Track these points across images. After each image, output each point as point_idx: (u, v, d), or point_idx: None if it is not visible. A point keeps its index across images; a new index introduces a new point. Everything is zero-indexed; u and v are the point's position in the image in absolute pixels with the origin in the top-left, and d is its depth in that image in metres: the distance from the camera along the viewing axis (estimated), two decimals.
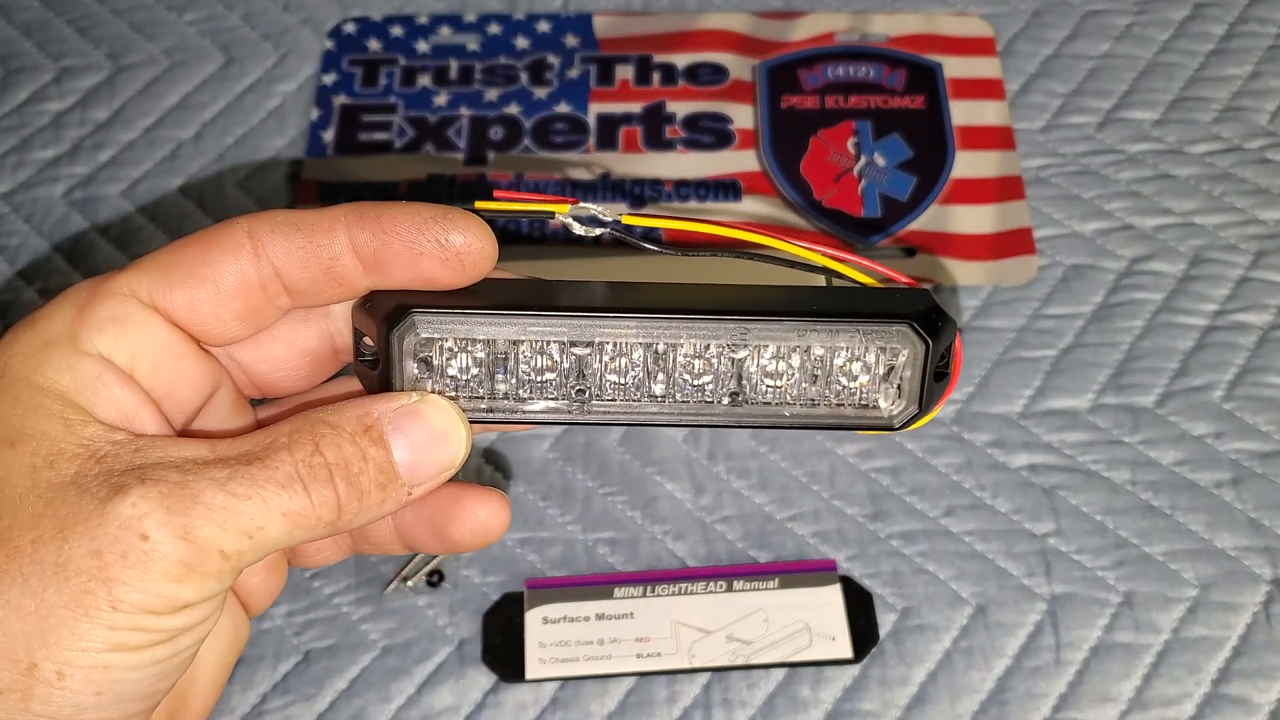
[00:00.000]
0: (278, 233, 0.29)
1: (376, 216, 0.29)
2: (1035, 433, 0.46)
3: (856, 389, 0.30)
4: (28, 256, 0.51)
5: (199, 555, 0.26)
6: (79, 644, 0.25)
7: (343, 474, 0.27)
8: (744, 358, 0.30)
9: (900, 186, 0.53)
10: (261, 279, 0.29)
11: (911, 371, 0.30)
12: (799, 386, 0.30)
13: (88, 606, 0.25)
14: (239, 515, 0.26)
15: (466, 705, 0.41)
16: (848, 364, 0.30)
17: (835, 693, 0.41)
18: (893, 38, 0.57)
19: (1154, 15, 0.58)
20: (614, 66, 0.56)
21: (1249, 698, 0.40)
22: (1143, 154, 0.53)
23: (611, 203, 0.52)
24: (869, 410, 0.31)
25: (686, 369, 0.30)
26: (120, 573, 0.25)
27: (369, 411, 0.28)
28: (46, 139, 0.54)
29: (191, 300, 0.29)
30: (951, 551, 0.44)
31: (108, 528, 0.25)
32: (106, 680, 0.26)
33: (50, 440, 0.26)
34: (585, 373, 0.30)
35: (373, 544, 0.35)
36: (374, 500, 0.28)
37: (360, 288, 0.30)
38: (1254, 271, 0.50)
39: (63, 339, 0.28)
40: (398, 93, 0.55)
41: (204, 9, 0.58)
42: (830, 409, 0.31)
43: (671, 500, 0.45)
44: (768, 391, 0.30)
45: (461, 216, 0.29)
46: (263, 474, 0.26)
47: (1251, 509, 0.44)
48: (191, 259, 0.29)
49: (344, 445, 0.27)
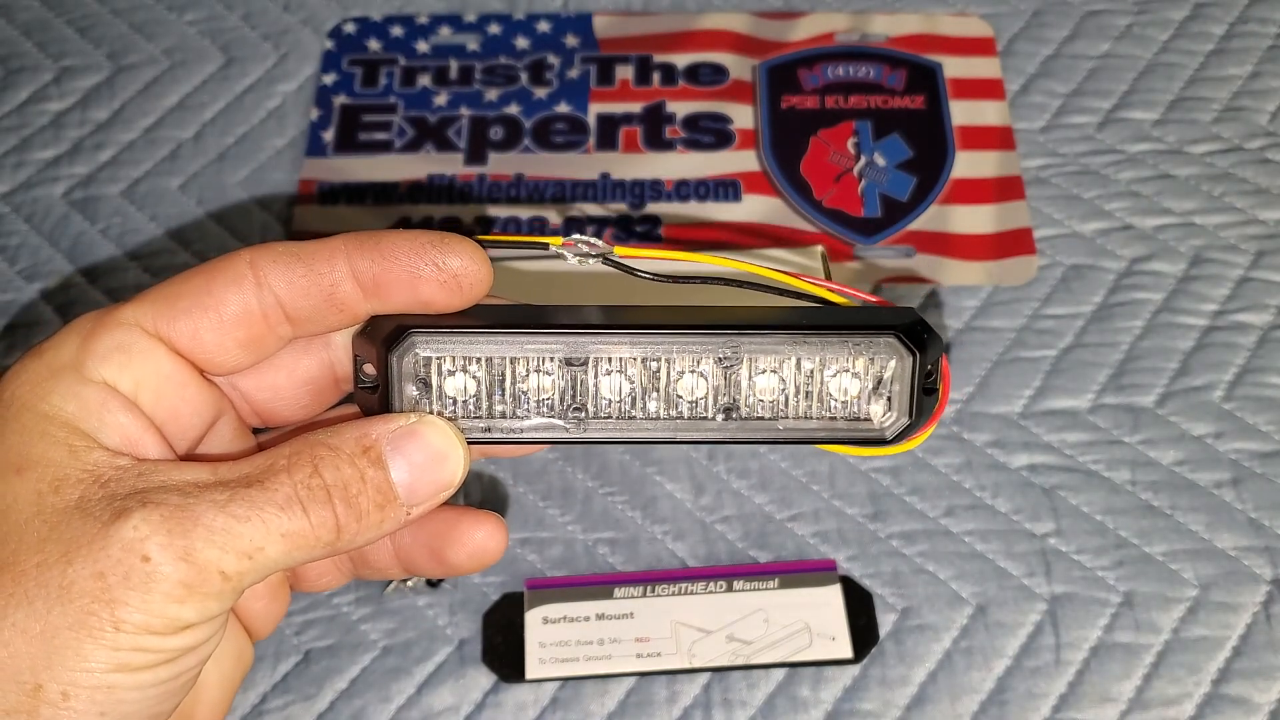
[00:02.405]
0: (279, 263, 0.29)
1: (376, 243, 0.29)
2: (1035, 433, 0.46)
3: (848, 401, 0.31)
4: (28, 256, 0.51)
5: (199, 576, 0.26)
6: (83, 665, 0.25)
7: (341, 495, 0.28)
8: (735, 370, 0.30)
9: (900, 186, 0.53)
10: (264, 308, 0.30)
11: (900, 384, 0.31)
12: (791, 401, 0.31)
13: (91, 628, 0.25)
14: (239, 537, 0.26)
15: (466, 705, 0.41)
16: (838, 375, 0.31)
17: (835, 693, 0.41)
18: (893, 38, 0.57)
19: (1154, 15, 0.58)
20: (614, 66, 0.56)
21: (1249, 698, 0.40)
22: (1143, 154, 0.53)
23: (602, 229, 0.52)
24: (861, 423, 0.31)
25: (680, 384, 0.31)
26: (123, 594, 0.25)
27: (367, 433, 0.29)
28: (46, 139, 0.54)
29: (195, 329, 0.29)
30: (951, 551, 0.44)
31: (110, 550, 0.26)
32: (110, 701, 0.26)
33: (56, 466, 0.27)
34: (581, 391, 0.30)
35: (372, 568, 0.36)
36: (373, 521, 0.28)
37: (360, 313, 0.30)
38: (1254, 271, 0.50)
39: (68, 368, 0.28)
40: (398, 93, 0.55)
41: (204, 9, 0.58)
42: (823, 422, 0.31)
43: (671, 500, 0.45)
44: (760, 406, 0.31)
45: (459, 241, 0.29)
46: (262, 496, 0.27)
47: (1251, 509, 0.44)
48: (195, 290, 0.29)
49: (343, 467, 0.28)
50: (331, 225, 0.51)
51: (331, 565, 0.36)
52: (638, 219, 0.52)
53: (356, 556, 0.36)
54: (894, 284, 0.50)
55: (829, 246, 0.50)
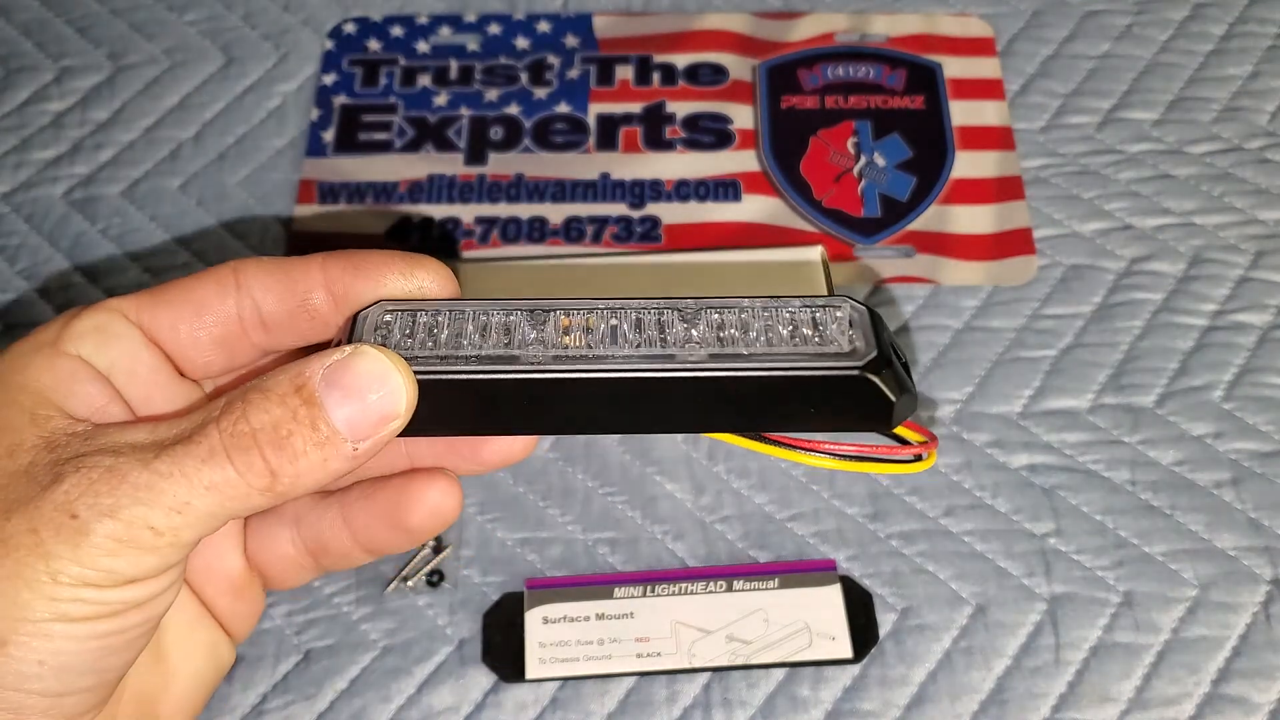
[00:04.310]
0: (261, 269, 0.32)
1: (351, 259, 0.31)
2: (1035, 433, 0.46)
3: (811, 335, 0.31)
4: (28, 256, 0.51)
5: (128, 531, 0.27)
6: (21, 613, 0.26)
7: (269, 439, 0.27)
8: (697, 326, 0.31)
9: (900, 186, 0.53)
10: (240, 310, 0.31)
11: (861, 329, 0.30)
12: (755, 332, 0.31)
13: (28, 578, 0.26)
14: (162, 493, 0.27)
15: (466, 705, 0.41)
16: (796, 325, 0.31)
17: (835, 693, 0.41)
18: (893, 38, 0.57)
19: (1154, 15, 0.58)
20: (614, 66, 0.56)
21: (1249, 698, 0.40)
22: (1143, 154, 0.53)
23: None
24: (827, 350, 0.30)
25: (648, 327, 0.31)
26: (55, 548, 0.26)
27: (300, 371, 0.28)
28: (46, 139, 0.54)
29: (174, 321, 0.31)
30: (951, 551, 0.44)
31: (43, 510, 0.27)
32: (49, 649, 0.27)
33: (15, 433, 0.28)
34: (548, 334, 0.30)
35: (333, 555, 0.36)
36: (314, 460, 0.28)
37: (332, 325, 0.32)
38: (1254, 271, 0.50)
39: (47, 344, 0.30)
40: (398, 93, 0.55)
41: (204, 9, 0.58)
42: (790, 350, 0.30)
43: (671, 500, 0.45)
44: (724, 340, 0.31)
45: (428, 260, 0.32)
46: (185, 450, 0.27)
47: (1251, 509, 0.44)
48: (179, 287, 0.32)
49: (272, 408, 0.28)
50: (331, 225, 0.51)
51: (294, 559, 0.36)
52: (638, 219, 0.52)
53: (314, 547, 0.36)
54: (894, 284, 0.50)
55: (829, 246, 0.50)
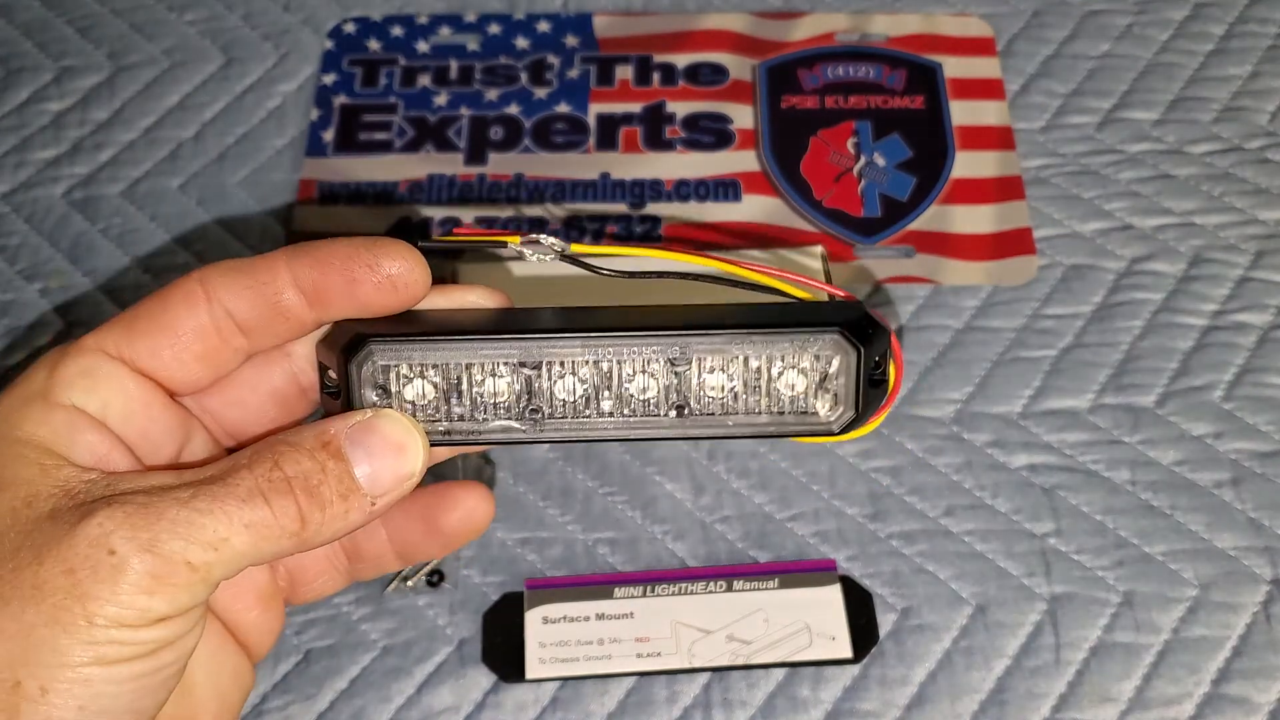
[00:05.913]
0: (226, 277, 0.31)
1: (313, 251, 0.31)
2: (1035, 433, 0.46)
3: (795, 397, 0.32)
4: (28, 256, 0.51)
5: (165, 567, 0.27)
6: (59, 660, 0.26)
7: (302, 486, 0.28)
8: (685, 371, 0.31)
9: (900, 186, 0.53)
10: (215, 321, 0.31)
11: (845, 378, 0.31)
12: (741, 397, 0.32)
13: (65, 623, 0.26)
14: (202, 528, 0.27)
15: (466, 705, 0.41)
16: (784, 372, 0.31)
17: (835, 693, 0.41)
18: (893, 38, 0.57)
19: (1154, 15, 0.58)
20: (614, 66, 0.56)
21: (1249, 698, 0.40)
22: (1143, 154, 0.53)
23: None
24: (808, 416, 0.32)
25: (632, 385, 0.31)
26: (92, 588, 0.26)
27: (325, 429, 0.30)
28: (46, 139, 0.54)
29: (154, 348, 0.31)
30: (951, 551, 0.44)
31: (78, 547, 0.26)
32: (88, 694, 0.27)
33: (28, 484, 0.28)
34: (536, 393, 0.31)
35: (368, 562, 0.37)
36: (338, 510, 0.29)
37: (307, 321, 0.32)
38: (1254, 271, 0.50)
39: (38, 396, 0.30)
40: (398, 93, 0.55)
41: (204, 9, 0.58)
42: (772, 417, 0.32)
43: (671, 500, 0.45)
44: (710, 403, 0.32)
45: (392, 244, 0.31)
46: (223, 490, 0.28)
47: (1251, 509, 0.44)
48: (151, 311, 0.31)
49: (303, 460, 0.29)
50: (331, 225, 0.51)
51: (328, 566, 0.36)
52: (638, 219, 0.52)
53: (351, 551, 0.36)
54: (894, 284, 0.50)
55: (829, 246, 0.50)
